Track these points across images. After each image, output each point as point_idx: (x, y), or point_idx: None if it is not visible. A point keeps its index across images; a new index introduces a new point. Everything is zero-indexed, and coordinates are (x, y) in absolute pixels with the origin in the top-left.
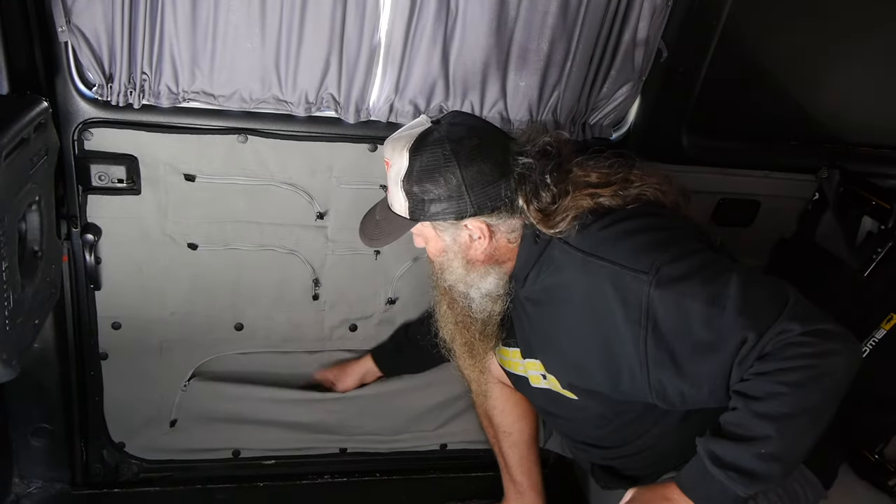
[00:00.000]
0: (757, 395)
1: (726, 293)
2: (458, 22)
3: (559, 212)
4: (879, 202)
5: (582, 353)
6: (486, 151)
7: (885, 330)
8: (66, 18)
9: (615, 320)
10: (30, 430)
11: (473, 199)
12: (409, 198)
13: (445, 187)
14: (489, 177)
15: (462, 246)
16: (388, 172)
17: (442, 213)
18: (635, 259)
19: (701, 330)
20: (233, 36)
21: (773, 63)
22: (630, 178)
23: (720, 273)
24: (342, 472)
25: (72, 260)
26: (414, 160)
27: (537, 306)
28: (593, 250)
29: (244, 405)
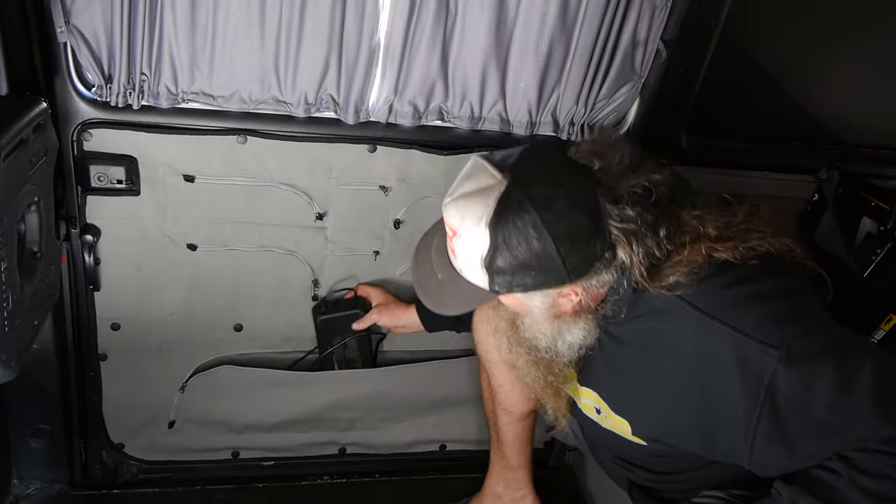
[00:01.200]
0: (866, 468)
1: (860, 377)
2: (458, 22)
3: (668, 267)
4: (879, 203)
5: (673, 411)
6: (576, 207)
7: (884, 331)
8: (65, 19)
9: (728, 389)
10: (29, 430)
11: (569, 268)
12: (491, 276)
13: (536, 260)
14: (584, 239)
15: (551, 306)
16: (456, 241)
17: (532, 286)
18: (764, 330)
19: (824, 414)
20: (232, 37)
21: (773, 64)
22: (750, 230)
23: (852, 353)
24: (341, 472)
25: (71, 261)
26: (495, 236)
27: (620, 345)
28: (715, 312)
29: (243, 406)
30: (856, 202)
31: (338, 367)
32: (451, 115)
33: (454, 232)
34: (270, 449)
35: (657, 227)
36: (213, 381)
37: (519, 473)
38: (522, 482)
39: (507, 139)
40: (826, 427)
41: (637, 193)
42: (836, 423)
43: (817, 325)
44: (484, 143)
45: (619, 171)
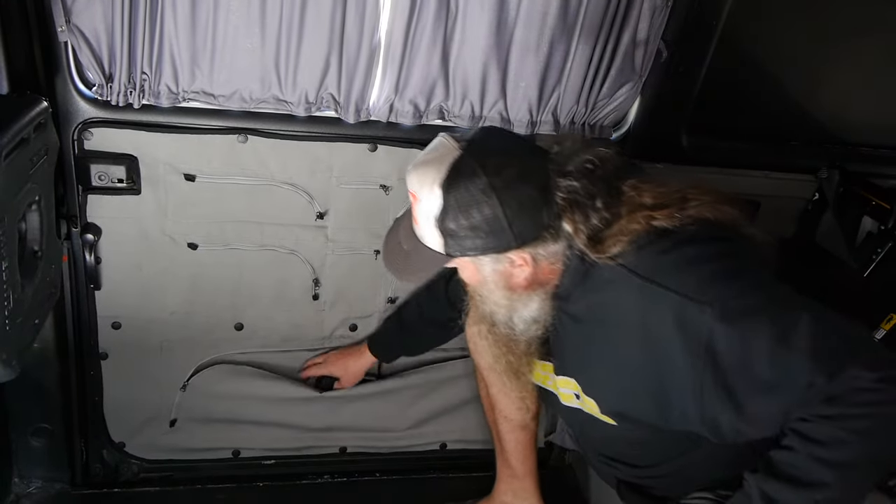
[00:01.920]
0: (819, 438)
1: (796, 332)
2: (458, 22)
3: (610, 236)
4: (879, 202)
5: (630, 381)
6: (526, 177)
7: (884, 330)
8: (66, 18)
9: (673, 351)
10: (29, 429)
11: (516, 232)
12: (444, 235)
13: (485, 222)
14: (531, 206)
15: (503, 275)
16: (416, 206)
17: (482, 248)
18: (700, 290)
19: (765, 369)
20: (233, 36)
21: (773, 63)
22: (687, 198)
23: (790, 309)
24: (342, 471)
25: (72, 260)
26: (448, 197)
27: (579, 324)
28: (653, 276)
29: (244, 405)
30: (856, 201)
31: None
32: (452, 114)
33: (414, 196)
34: (271, 448)
35: (595, 196)
36: (214, 380)
37: (525, 482)
38: (529, 491)
39: None
40: (768, 382)
41: (583, 169)
42: (777, 378)
43: (754, 284)
44: None
45: (571, 151)
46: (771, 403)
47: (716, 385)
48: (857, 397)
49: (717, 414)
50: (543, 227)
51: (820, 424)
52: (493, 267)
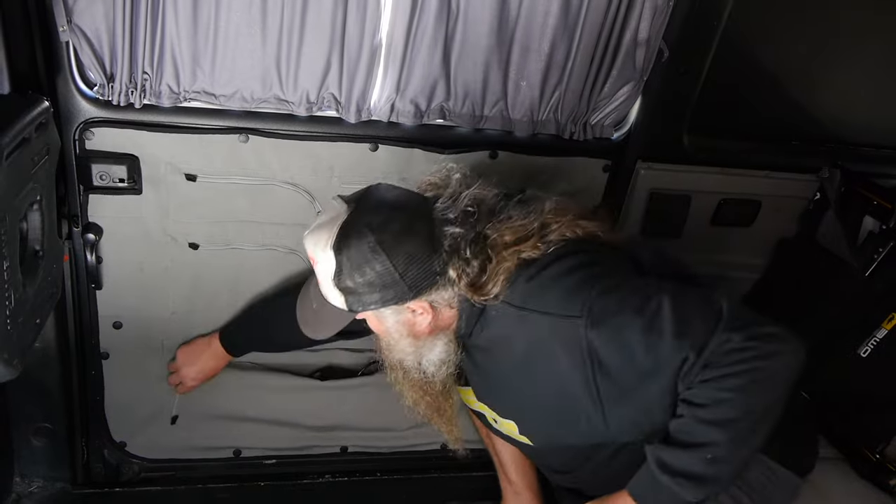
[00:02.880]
0: (702, 401)
1: (660, 318)
2: (460, 22)
3: (489, 280)
4: (881, 202)
5: (534, 402)
6: (412, 230)
7: (886, 329)
8: (68, 18)
9: (561, 367)
10: (31, 429)
11: (409, 283)
12: (343, 293)
13: (378, 277)
14: (420, 257)
15: (406, 324)
16: (316, 269)
17: (380, 302)
18: (565, 304)
19: (644, 358)
20: (234, 36)
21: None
22: (546, 223)
23: (649, 298)
24: (343, 471)
25: (73, 259)
26: (339, 258)
27: (484, 357)
28: (525, 303)
29: (245, 405)
30: (858, 201)
31: None
32: (453, 114)
33: (313, 259)
34: (272, 447)
35: (462, 247)
36: (215, 380)
37: (528, 496)
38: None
39: (509, 138)
40: (649, 370)
41: (465, 213)
42: (657, 364)
43: (611, 285)
44: (485, 142)
45: (454, 195)
46: (655, 387)
47: (607, 387)
48: (729, 358)
49: (618, 413)
50: (435, 274)
51: (701, 388)
52: (395, 318)
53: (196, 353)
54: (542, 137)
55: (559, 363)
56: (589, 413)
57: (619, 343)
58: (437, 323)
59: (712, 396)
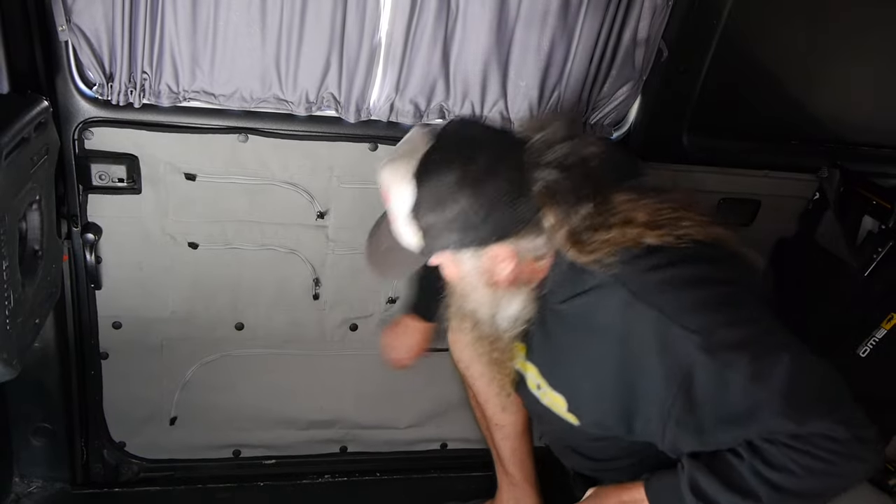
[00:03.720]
0: (769, 459)
1: (774, 372)
2: (459, 21)
3: (594, 241)
4: (880, 202)
5: (602, 386)
6: (501, 167)
7: (885, 329)
8: (67, 17)
9: (650, 369)
10: (30, 429)
11: (492, 226)
12: (419, 233)
13: (459, 217)
14: (507, 197)
15: (485, 272)
16: (389, 205)
17: (458, 243)
18: (689, 315)
19: (737, 403)
20: (233, 35)
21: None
22: (681, 217)
23: (772, 349)
24: (342, 471)
25: (72, 259)
26: (420, 191)
27: (561, 323)
28: (643, 292)
29: (244, 405)
30: (857, 201)
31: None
32: (453, 113)
33: (387, 194)
34: (272, 447)
35: (580, 195)
36: (215, 379)
37: (525, 488)
38: (530, 497)
39: None
40: (737, 417)
41: (565, 161)
42: (746, 415)
43: (742, 317)
44: None
45: (552, 140)
46: (732, 434)
47: (684, 412)
48: (825, 444)
49: (679, 438)
50: (522, 220)
51: (777, 448)
52: (473, 263)
53: (397, 333)
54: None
55: (649, 363)
56: (650, 419)
57: (720, 379)
58: (518, 275)
59: (784, 463)
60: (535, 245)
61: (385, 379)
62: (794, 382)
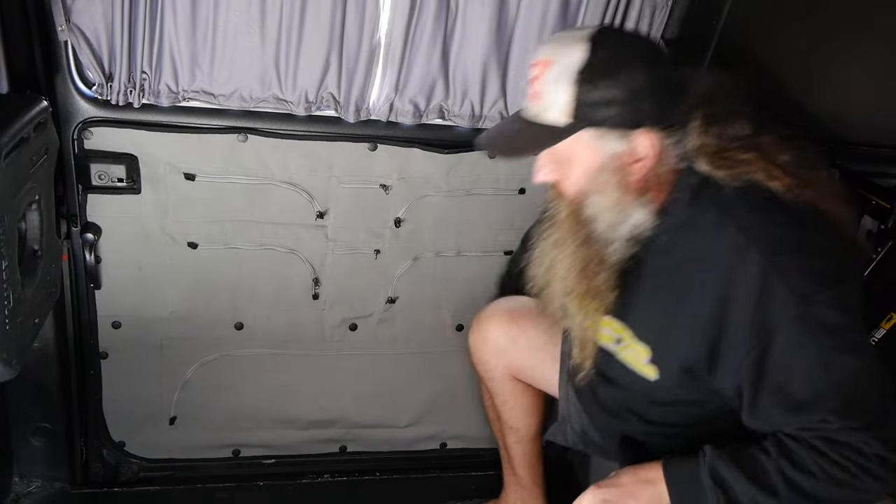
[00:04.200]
0: (796, 461)
1: (842, 368)
2: (458, 21)
3: (731, 160)
4: (879, 202)
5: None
6: (672, 62)
7: (884, 329)
8: (66, 17)
9: (742, 318)
10: (30, 429)
11: (653, 105)
12: (576, 98)
13: (626, 87)
14: (673, 85)
15: (622, 165)
16: (545, 73)
17: (615, 119)
18: (797, 279)
19: (797, 384)
20: (233, 35)
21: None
22: (811, 180)
23: (849, 346)
24: (342, 471)
25: (72, 259)
26: (596, 52)
27: (657, 267)
28: (758, 242)
29: (244, 404)
30: (856, 201)
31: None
32: (452, 113)
33: (546, 62)
34: (271, 447)
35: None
36: (214, 379)
37: (533, 490)
38: (537, 499)
39: None
40: (791, 396)
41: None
42: (801, 400)
43: (842, 302)
44: None
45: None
46: (778, 411)
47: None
48: (854, 456)
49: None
50: (676, 114)
51: (806, 452)
52: (615, 149)
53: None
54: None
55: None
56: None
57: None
58: (649, 178)
59: (808, 466)
60: (676, 151)
61: (384, 378)
62: (856, 385)
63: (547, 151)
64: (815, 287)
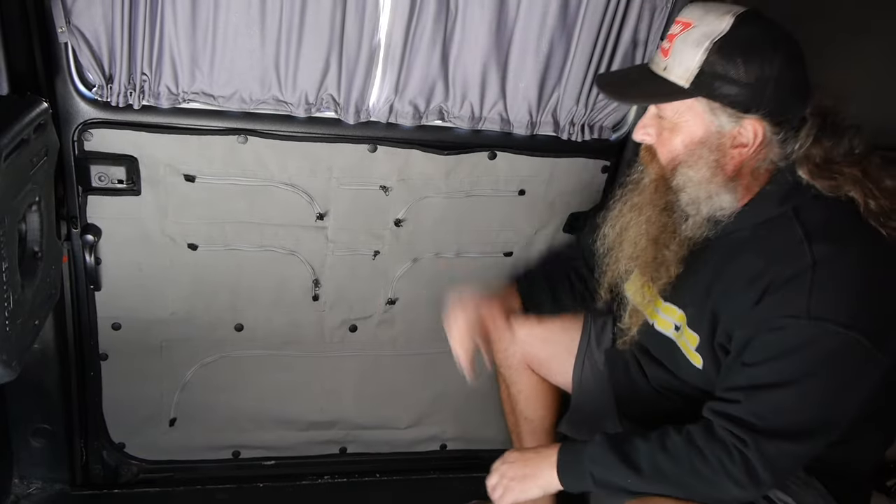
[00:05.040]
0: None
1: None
2: (458, 23)
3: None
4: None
5: (728, 320)
6: (805, 62)
7: None
8: (66, 19)
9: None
10: (30, 430)
11: (771, 98)
12: (705, 65)
13: (754, 72)
14: (798, 87)
15: (722, 145)
16: (685, 33)
17: (731, 98)
18: (825, 300)
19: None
20: (233, 36)
21: None
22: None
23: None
24: (342, 472)
25: (72, 261)
26: (738, 28)
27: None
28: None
29: (244, 406)
30: None
31: None
32: (452, 115)
33: (688, 23)
34: (271, 448)
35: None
36: (214, 380)
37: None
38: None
39: (508, 139)
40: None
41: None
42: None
43: (859, 345)
44: (484, 142)
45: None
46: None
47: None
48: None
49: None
50: (792, 114)
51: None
52: (723, 127)
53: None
54: (540, 138)
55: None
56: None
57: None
58: (743, 169)
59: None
60: (777, 150)
61: (384, 379)
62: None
63: (655, 111)
64: (835, 316)
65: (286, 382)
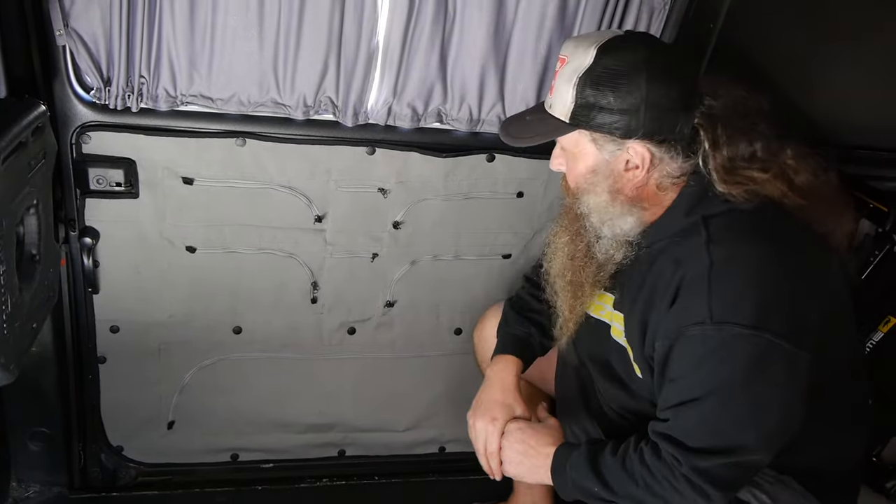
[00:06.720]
0: (627, 467)
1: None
2: (456, 25)
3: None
4: (877, 205)
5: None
6: (679, 75)
7: (882, 332)
8: (64, 22)
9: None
10: (28, 433)
11: (647, 120)
12: (577, 99)
13: (623, 99)
14: (673, 103)
15: (614, 171)
16: (561, 70)
17: (608, 126)
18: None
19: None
20: (231, 39)
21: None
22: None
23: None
24: (341, 475)
25: (70, 263)
26: (600, 59)
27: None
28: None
29: (243, 409)
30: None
31: None
32: (450, 117)
33: (563, 60)
34: (270, 451)
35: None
36: (213, 383)
37: (542, 492)
38: (547, 500)
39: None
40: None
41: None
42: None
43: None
44: (482, 145)
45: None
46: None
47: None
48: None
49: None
50: (673, 131)
51: (637, 462)
52: (609, 154)
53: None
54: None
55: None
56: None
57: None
58: (641, 191)
59: (635, 475)
60: (672, 166)
61: (383, 382)
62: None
63: (562, 144)
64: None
65: (285, 385)
